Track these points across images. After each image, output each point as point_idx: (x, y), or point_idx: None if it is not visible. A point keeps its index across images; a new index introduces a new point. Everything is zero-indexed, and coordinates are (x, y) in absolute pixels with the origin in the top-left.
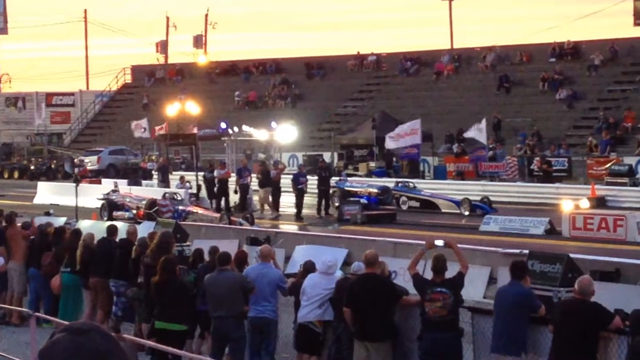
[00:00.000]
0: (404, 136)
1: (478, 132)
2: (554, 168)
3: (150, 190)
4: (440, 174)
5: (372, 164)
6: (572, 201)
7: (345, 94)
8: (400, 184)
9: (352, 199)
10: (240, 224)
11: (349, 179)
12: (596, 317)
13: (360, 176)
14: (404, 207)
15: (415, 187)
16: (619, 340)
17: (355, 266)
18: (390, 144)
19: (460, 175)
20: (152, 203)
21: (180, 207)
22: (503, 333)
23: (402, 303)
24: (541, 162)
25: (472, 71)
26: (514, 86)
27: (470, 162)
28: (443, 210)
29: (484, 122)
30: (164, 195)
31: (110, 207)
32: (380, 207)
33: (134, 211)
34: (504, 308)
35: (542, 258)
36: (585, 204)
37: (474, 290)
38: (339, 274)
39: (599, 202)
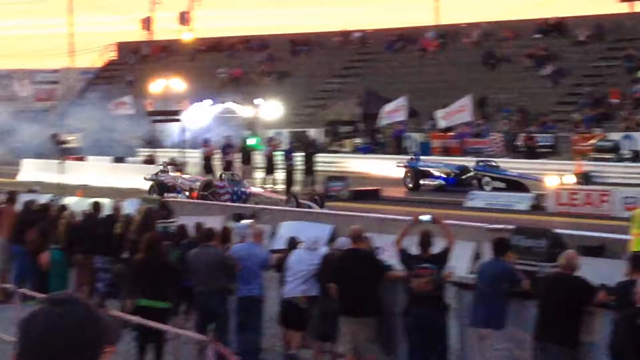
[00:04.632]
0: (392, 113)
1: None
2: (539, 144)
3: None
4: (425, 150)
5: (358, 141)
6: (557, 177)
7: (330, 70)
8: (481, 163)
9: (427, 179)
10: (309, 207)
11: (422, 157)
12: (581, 291)
13: (346, 152)
14: (487, 189)
15: (498, 166)
16: (603, 314)
17: (341, 241)
18: (384, 120)
19: (446, 152)
20: (208, 184)
21: (241, 189)
22: (483, 307)
23: (388, 278)
24: (526, 138)
25: (457, 47)
26: (499, 62)
27: (456, 139)
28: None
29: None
30: (220, 176)
31: (161, 188)
32: (460, 188)
33: (187, 193)
34: (484, 283)
35: (527, 233)
36: (570, 179)
37: (460, 265)
38: (324, 249)
39: (584, 178)
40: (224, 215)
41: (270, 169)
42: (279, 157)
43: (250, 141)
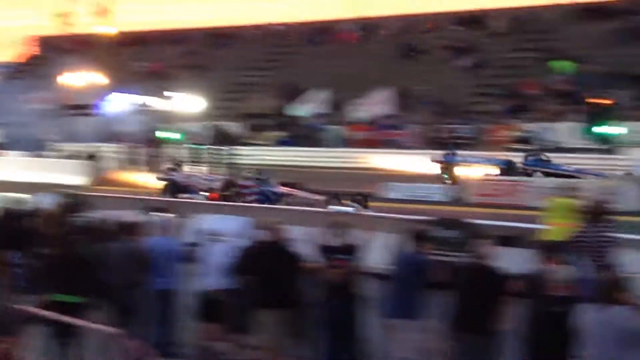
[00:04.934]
0: (311, 104)
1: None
2: (458, 135)
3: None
4: (343, 142)
5: (277, 133)
6: (475, 168)
7: (250, 63)
8: (531, 158)
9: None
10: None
11: (460, 152)
12: (496, 280)
13: (260, 145)
14: None
15: (550, 160)
16: (518, 304)
17: (257, 234)
18: (298, 110)
19: (365, 144)
20: (229, 184)
21: (270, 189)
22: (400, 298)
23: (305, 270)
24: (445, 130)
25: (377, 40)
26: (418, 54)
27: (374, 131)
28: None
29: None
30: (245, 175)
31: (174, 188)
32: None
33: (205, 193)
34: (401, 274)
35: (445, 224)
36: (487, 170)
37: (377, 257)
38: (241, 241)
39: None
40: (139, 208)
41: (188, 162)
42: (197, 150)
43: (168, 135)
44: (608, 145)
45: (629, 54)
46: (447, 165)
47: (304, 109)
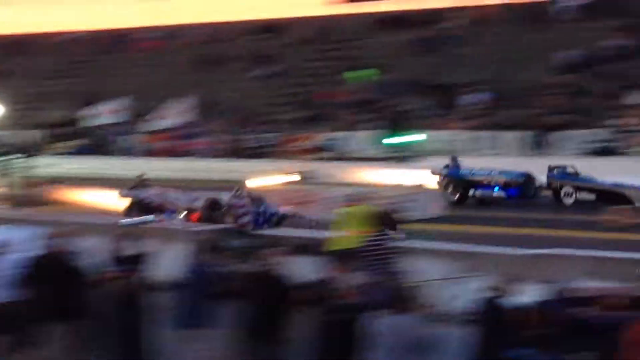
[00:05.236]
0: (110, 113)
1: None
2: (256, 145)
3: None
4: (141, 151)
5: (74, 143)
6: (273, 177)
7: (47, 72)
8: (556, 171)
9: (478, 190)
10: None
11: (465, 164)
12: (284, 289)
13: (57, 154)
14: (569, 201)
15: (577, 173)
16: (307, 311)
17: (46, 244)
18: (97, 119)
19: (163, 153)
20: (214, 203)
21: (269, 210)
22: (192, 309)
23: (93, 280)
24: (244, 140)
25: (177, 48)
26: (219, 63)
27: (173, 140)
28: (638, 205)
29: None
30: (237, 192)
31: (141, 208)
32: (523, 200)
33: (183, 213)
34: (191, 284)
35: (235, 234)
36: (285, 179)
37: (167, 267)
38: (28, 253)
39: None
40: None
41: None
42: None
43: None
44: (404, 153)
45: (428, 63)
46: (452, 179)
47: (103, 117)
